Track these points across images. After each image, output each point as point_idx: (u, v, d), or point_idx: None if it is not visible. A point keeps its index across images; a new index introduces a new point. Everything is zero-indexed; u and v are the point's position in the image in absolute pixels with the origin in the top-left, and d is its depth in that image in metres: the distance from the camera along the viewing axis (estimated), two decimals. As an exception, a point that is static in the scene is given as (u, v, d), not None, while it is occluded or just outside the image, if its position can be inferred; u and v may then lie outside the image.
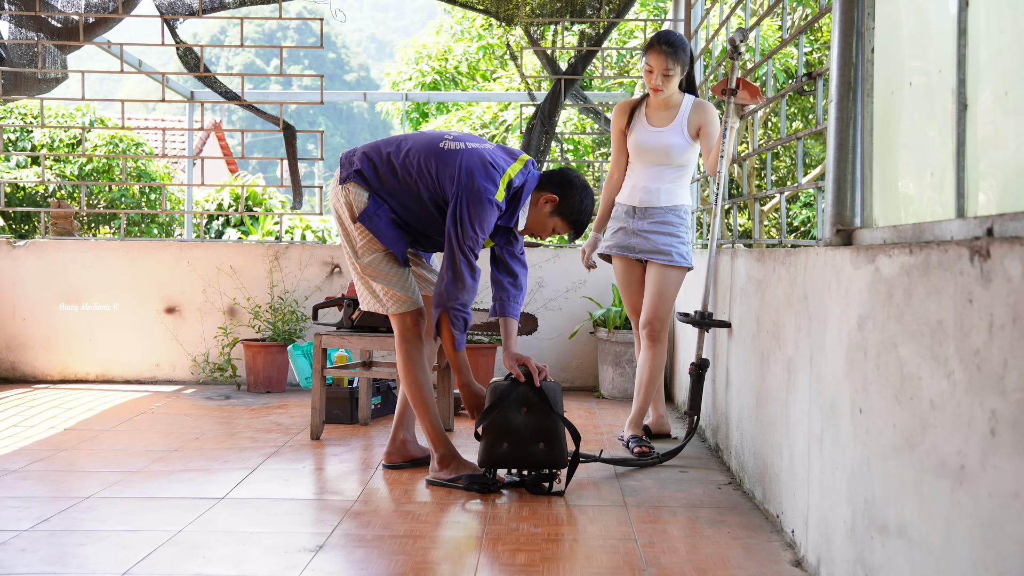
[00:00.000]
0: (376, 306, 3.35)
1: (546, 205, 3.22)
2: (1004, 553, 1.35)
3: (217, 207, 12.02)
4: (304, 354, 5.30)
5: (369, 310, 3.38)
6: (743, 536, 2.68)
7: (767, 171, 3.64)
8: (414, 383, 3.31)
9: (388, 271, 3.26)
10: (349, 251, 3.30)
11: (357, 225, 3.22)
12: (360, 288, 3.36)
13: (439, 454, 3.28)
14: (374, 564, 2.42)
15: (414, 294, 3.30)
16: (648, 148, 3.89)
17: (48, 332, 5.56)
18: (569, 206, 3.21)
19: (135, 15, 6.03)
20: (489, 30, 13.82)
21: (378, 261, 3.25)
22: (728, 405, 3.53)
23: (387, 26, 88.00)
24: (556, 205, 3.20)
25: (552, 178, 3.22)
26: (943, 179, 1.97)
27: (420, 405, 3.31)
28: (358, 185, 3.21)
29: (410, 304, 3.29)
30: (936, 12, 2.17)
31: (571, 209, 3.21)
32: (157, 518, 2.80)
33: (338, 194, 3.25)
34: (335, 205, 3.28)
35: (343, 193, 3.23)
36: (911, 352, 1.70)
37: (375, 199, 3.20)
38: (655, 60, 3.75)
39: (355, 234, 3.24)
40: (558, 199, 3.19)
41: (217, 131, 16.86)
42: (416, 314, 3.31)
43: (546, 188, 3.22)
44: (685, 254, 3.87)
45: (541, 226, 3.26)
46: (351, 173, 3.23)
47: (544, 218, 3.24)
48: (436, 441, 3.30)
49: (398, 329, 3.32)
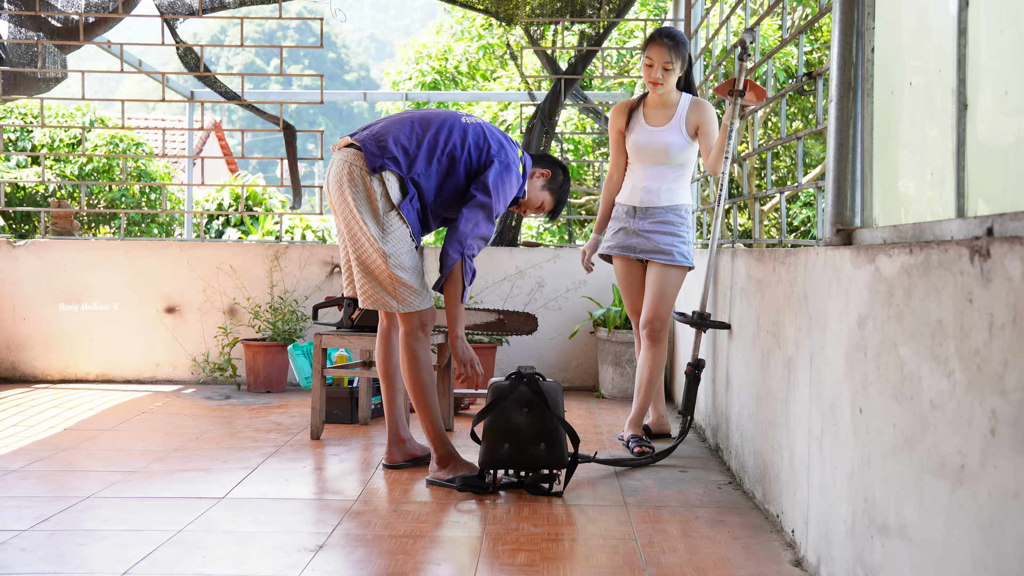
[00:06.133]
0: (385, 302, 3.21)
1: (540, 179, 3.53)
2: (1004, 553, 1.35)
3: (217, 207, 12.02)
4: (304, 354, 5.30)
5: (375, 308, 3.28)
6: (743, 536, 2.68)
7: (767, 171, 3.64)
8: (419, 383, 3.30)
9: (411, 265, 3.21)
10: (369, 241, 3.15)
11: (391, 214, 3.16)
12: (365, 283, 3.21)
13: (438, 454, 3.28)
14: (374, 564, 2.42)
15: (429, 292, 3.29)
16: (647, 148, 3.89)
17: (48, 332, 5.57)
18: (557, 182, 3.57)
19: (135, 15, 6.03)
20: (489, 30, 13.81)
21: (404, 255, 3.19)
22: (728, 405, 3.53)
23: (387, 26, 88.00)
24: (548, 180, 3.54)
25: (543, 158, 3.61)
26: (943, 179, 1.97)
27: (424, 406, 3.30)
28: (392, 172, 3.18)
29: (427, 301, 3.26)
30: (936, 12, 2.17)
31: (559, 186, 3.57)
32: (157, 518, 2.80)
33: (368, 184, 3.15)
34: (357, 195, 3.14)
35: (376, 182, 3.15)
36: (911, 352, 1.70)
37: (408, 186, 3.20)
38: (656, 53, 3.75)
39: (386, 223, 3.15)
40: (550, 174, 3.54)
41: (217, 131, 16.86)
42: (428, 313, 3.28)
43: (539, 165, 3.55)
44: (686, 253, 3.86)
45: (533, 200, 3.55)
46: (385, 161, 3.16)
47: (536, 192, 3.54)
48: (436, 441, 3.30)
49: (408, 327, 3.28)
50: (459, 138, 3.25)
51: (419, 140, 3.23)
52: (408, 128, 3.25)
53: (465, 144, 3.26)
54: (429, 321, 3.30)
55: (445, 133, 3.25)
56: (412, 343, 3.29)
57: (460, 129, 3.28)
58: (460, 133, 3.26)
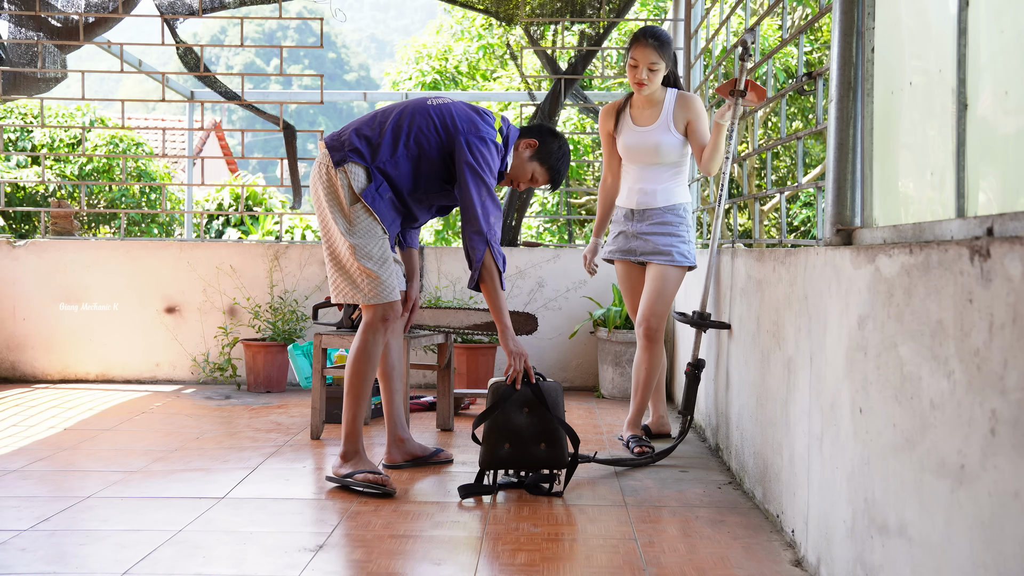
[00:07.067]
0: (353, 295, 3.18)
1: (526, 150, 3.38)
2: (1004, 553, 1.35)
3: (217, 207, 12.02)
4: (304, 354, 5.30)
5: (345, 302, 3.24)
6: (743, 536, 2.68)
7: (767, 171, 3.64)
8: (359, 374, 3.19)
9: (379, 256, 3.14)
10: (338, 235, 3.14)
11: (356, 206, 3.13)
12: (337, 277, 3.20)
13: (344, 449, 3.20)
14: (374, 564, 2.42)
15: (395, 285, 3.20)
16: (637, 149, 3.85)
17: (48, 332, 5.57)
18: (548, 151, 3.38)
19: (135, 15, 6.03)
20: (489, 30, 13.81)
21: (371, 245, 3.13)
22: (728, 405, 3.53)
23: (387, 26, 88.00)
24: (535, 150, 3.37)
25: (531, 128, 3.42)
26: (943, 179, 1.97)
27: (355, 399, 3.21)
28: (355, 164, 3.14)
29: (390, 294, 3.17)
30: (936, 12, 2.17)
31: (549, 153, 3.38)
32: (157, 518, 2.80)
33: (333, 178, 3.14)
34: (325, 191, 3.15)
35: (340, 176, 3.13)
36: (911, 352, 1.70)
37: (374, 175, 3.14)
38: (641, 53, 3.71)
39: (352, 216, 3.12)
40: (537, 143, 3.37)
41: (217, 131, 16.86)
42: (390, 307, 3.19)
43: (525, 135, 3.39)
44: (686, 253, 3.83)
45: (522, 172, 3.40)
46: (347, 154, 3.15)
47: (524, 163, 3.39)
48: (349, 436, 3.20)
49: (369, 318, 3.18)
50: (423, 121, 3.19)
51: (381, 128, 3.19)
52: (371, 119, 3.24)
53: (431, 125, 3.18)
54: (391, 316, 3.19)
55: (408, 118, 3.20)
56: (367, 334, 3.19)
57: (424, 112, 3.21)
58: (424, 115, 3.20)
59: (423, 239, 13.09)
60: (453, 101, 3.28)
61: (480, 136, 3.18)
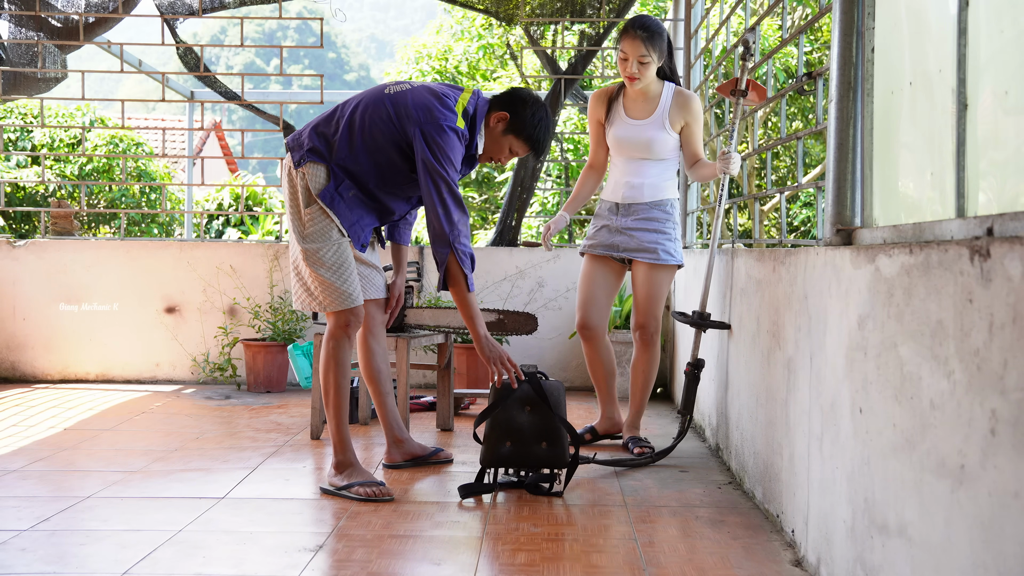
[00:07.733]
0: (309, 303, 3.10)
1: (498, 124, 3.16)
2: (1004, 553, 1.35)
3: (217, 207, 12.02)
4: (304, 354, 5.30)
5: (304, 309, 3.17)
6: (743, 536, 2.68)
7: (767, 171, 3.64)
8: (333, 384, 3.12)
9: (333, 262, 3.03)
10: (292, 240, 3.08)
11: (312, 208, 3.02)
12: (295, 283, 3.12)
13: (336, 459, 3.13)
14: (374, 564, 2.42)
15: (354, 291, 3.07)
16: (628, 143, 3.71)
17: (48, 332, 5.56)
18: (521, 120, 3.14)
19: (135, 15, 6.04)
20: (489, 30, 13.81)
21: (324, 250, 3.02)
22: (728, 405, 3.53)
23: (387, 26, 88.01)
24: (508, 122, 3.15)
25: (500, 98, 3.18)
26: (943, 179, 1.97)
27: (334, 409, 3.13)
28: (314, 163, 3.04)
29: (347, 301, 3.06)
30: (936, 12, 2.17)
31: (524, 123, 3.14)
32: (157, 518, 2.80)
33: (293, 180, 3.05)
34: (288, 194, 3.08)
35: (299, 177, 3.05)
36: (911, 352, 1.70)
37: (334, 174, 3.04)
38: (630, 46, 3.56)
39: (307, 219, 3.03)
40: (509, 115, 3.14)
41: (217, 131, 16.86)
42: (350, 313, 3.08)
43: (495, 108, 3.17)
44: (672, 251, 3.71)
45: (498, 148, 3.20)
46: (305, 154, 3.05)
47: (499, 138, 3.18)
48: (338, 446, 3.14)
49: (329, 326, 3.10)
50: (377, 111, 3.04)
51: (337, 124, 3.08)
52: (329, 115, 3.13)
53: (385, 115, 3.04)
54: (353, 323, 3.10)
55: (362, 109, 3.07)
56: (329, 343, 3.11)
57: (379, 101, 3.06)
58: (378, 105, 3.05)
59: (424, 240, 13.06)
60: (413, 87, 3.11)
61: (437, 124, 2.99)
